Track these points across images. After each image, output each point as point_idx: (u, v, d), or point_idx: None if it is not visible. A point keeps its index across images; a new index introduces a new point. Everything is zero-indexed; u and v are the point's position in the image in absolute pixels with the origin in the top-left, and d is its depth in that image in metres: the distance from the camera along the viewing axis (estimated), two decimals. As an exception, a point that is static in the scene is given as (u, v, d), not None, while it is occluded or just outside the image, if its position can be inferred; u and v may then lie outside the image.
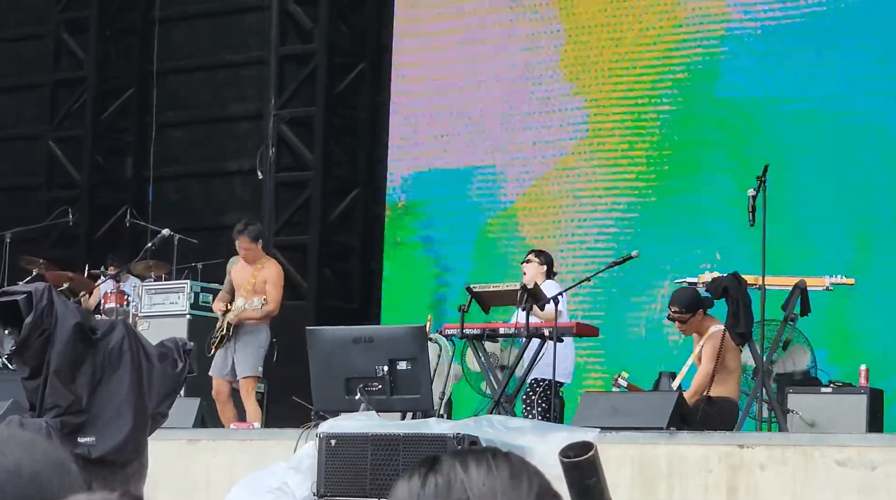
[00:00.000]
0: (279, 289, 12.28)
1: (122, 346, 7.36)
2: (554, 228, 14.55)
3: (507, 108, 14.96)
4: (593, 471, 3.87)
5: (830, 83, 13.38)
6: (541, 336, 10.79)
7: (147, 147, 17.68)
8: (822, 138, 13.34)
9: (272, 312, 12.20)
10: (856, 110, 13.23)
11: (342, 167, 16.54)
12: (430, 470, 1.67)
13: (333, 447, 8.11)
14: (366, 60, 16.52)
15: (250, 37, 17.41)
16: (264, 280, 12.20)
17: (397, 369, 8.83)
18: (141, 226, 16.08)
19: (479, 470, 1.65)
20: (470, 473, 1.65)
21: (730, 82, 13.91)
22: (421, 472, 1.67)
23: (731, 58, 13.94)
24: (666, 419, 9.08)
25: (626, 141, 14.38)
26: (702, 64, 14.08)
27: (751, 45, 13.90)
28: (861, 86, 13.24)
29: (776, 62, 13.72)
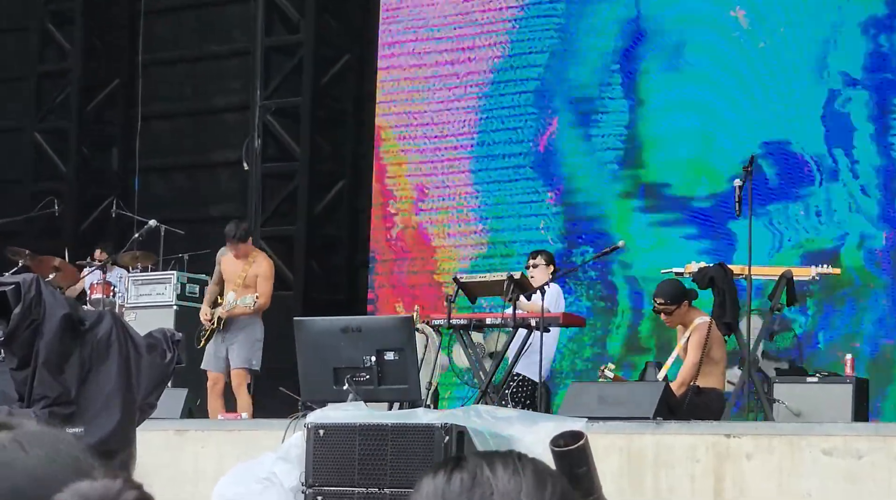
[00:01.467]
0: (270, 283, 12.32)
1: (111, 337, 7.37)
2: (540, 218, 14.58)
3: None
4: (584, 460, 3.90)
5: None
6: (527, 326, 10.82)
7: (133, 139, 17.67)
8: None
9: (264, 306, 12.24)
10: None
11: (328, 159, 16.54)
12: (456, 467, 1.69)
13: (321, 436, 8.11)
14: (352, 52, 16.52)
15: (235, 28, 17.40)
16: (255, 275, 12.23)
17: (385, 359, 8.84)
18: (127, 217, 16.08)
19: (506, 470, 1.67)
20: (496, 472, 1.67)
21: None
22: (447, 468, 1.69)
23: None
24: (653, 408, 9.11)
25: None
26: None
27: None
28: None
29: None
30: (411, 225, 15.25)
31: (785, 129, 13.20)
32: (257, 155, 16.34)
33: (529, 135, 14.68)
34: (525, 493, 1.66)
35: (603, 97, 14.32)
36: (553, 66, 14.64)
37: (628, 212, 13.90)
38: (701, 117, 13.61)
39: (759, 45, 13.48)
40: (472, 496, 1.66)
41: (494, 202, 14.74)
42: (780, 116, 13.25)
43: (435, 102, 15.25)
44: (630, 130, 14.06)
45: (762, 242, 12.43)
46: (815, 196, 13.06)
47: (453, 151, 15.10)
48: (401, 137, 15.46)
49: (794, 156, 13.14)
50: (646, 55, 14.10)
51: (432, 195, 15.19)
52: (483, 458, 1.70)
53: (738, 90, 13.49)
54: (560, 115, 14.56)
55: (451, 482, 1.67)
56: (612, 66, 14.30)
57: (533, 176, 14.58)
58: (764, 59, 13.45)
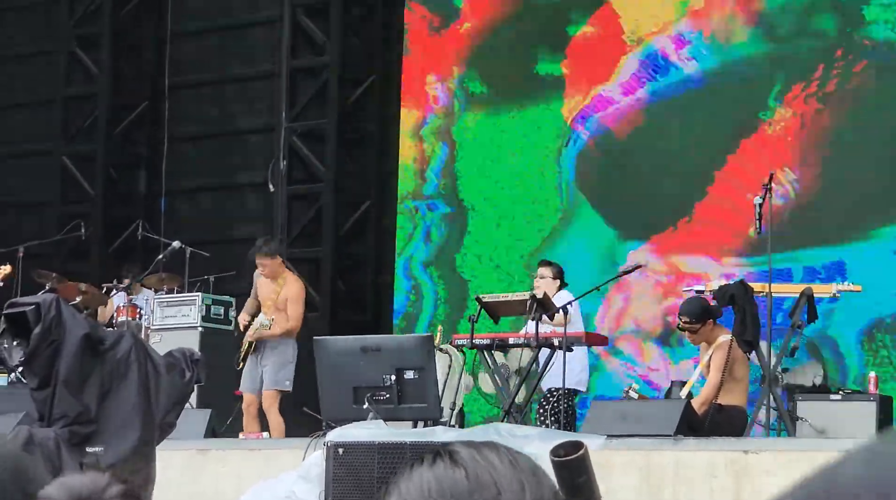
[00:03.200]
0: (300, 306, 12.34)
1: (130, 356, 7.42)
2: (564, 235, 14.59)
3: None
4: (583, 470, 3.92)
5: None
6: (550, 346, 10.83)
7: (159, 161, 17.77)
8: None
9: (293, 329, 12.28)
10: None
11: (353, 180, 16.60)
12: (452, 461, 1.63)
13: (341, 455, 8.16)
14: (376, 73, 16.59)
15: (259, 51, 17.50)
16: (286, 298, 12.27)
17: (404, 378, 8.88)
18: (153, 240, 16.15)
19: (503, 464, 1.62)
20: (495, 465, 1.62)
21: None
22: (444, 461, 1.64)
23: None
24: (674, 426, 9.10)
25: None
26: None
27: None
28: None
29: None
30: (436, 245, 15.29)
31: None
32: (283, 177, 16.41)
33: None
34: (529, 487, 1.62)
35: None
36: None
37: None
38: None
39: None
40: (482, 489, 1.60)
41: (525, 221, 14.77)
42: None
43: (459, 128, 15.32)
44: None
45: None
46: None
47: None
48: (426, 156, 15.51)
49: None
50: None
51: (455, 219, 15.22)
52: (472, 448, 1.64)
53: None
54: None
55: (455, 473, 1.62)
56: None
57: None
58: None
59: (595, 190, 14.43)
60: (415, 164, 15.57)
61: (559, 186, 14.59)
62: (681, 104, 14.00)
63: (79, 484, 1.66)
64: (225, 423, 12.43)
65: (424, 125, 15.57)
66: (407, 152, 15.64)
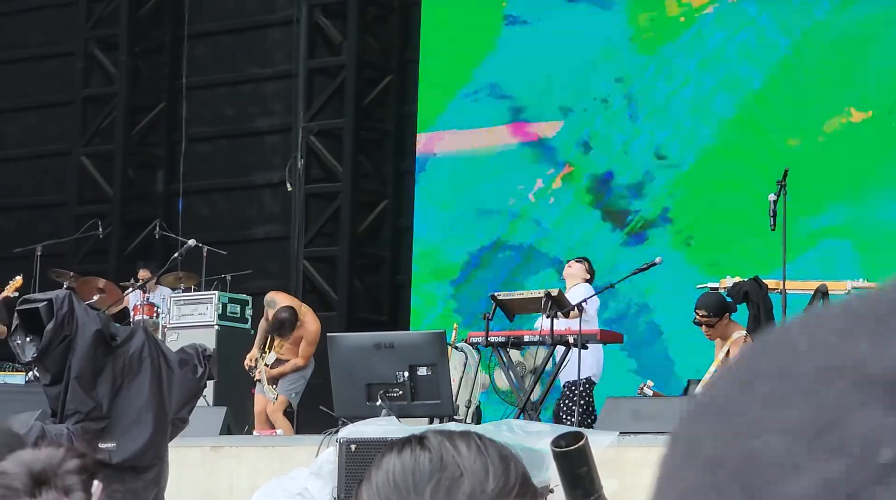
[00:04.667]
0: (313, 348, 12.20)
1: (142, 352, 7.44)
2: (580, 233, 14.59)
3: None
4: (584, 461, 3.92)
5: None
6: (566, 343, 10.82)
7: (177, 161, 17.82)
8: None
9: (299, 367, 12.24)
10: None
11: (370, 179, 16.63)
12: (420, 446, 1.66)
13: (353, 451, 8.16)
14: (393, 73, 16.62)
15: (275, 51, 17.53)
16: (301, 337, 12.19)
17: (418, 374, 8.88)
18: (171, 239, 16.20)
19: (470, 449, 1.64)
20: (460, 450, 1.64)
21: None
22: (412, 447, 1.66)
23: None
24: (687, 423, 9.08)
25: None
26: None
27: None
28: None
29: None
30: (454, 243, 15.30)
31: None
32: (300, 176, 16.44)
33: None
34: (493, 472, 1.63)
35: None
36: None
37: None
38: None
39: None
40: (443, 476, 1.63)
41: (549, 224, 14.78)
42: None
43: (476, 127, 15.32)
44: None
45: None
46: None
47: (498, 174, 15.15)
48: (441, 158, 15.52)
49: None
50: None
51: (473, 217, 15.23)
52: (444, 436, 1.67)
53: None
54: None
55: (420, 459, 1.64)
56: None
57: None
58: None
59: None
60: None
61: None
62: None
63: (34, 458, 1.63)
64: (244, 428, 12.41)
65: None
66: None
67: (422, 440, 1.68)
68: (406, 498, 1.65)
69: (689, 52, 14.37)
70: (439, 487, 1.63)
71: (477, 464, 1.64)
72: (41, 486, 1.57)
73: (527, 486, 1.67)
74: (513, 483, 1.65)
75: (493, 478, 1.63)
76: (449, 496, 1.62)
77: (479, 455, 1.65)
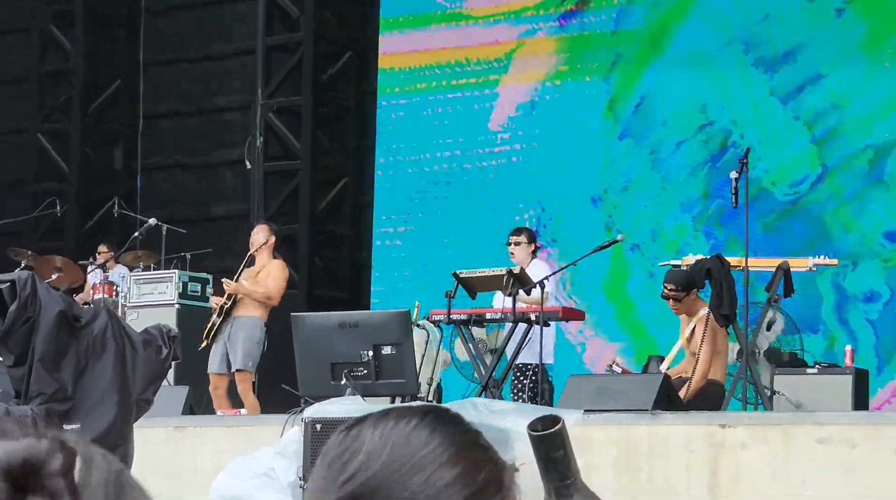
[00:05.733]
0: (280, 282, 12.35)
1: (106, 333, 7.40)
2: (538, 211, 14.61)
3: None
4: (560, 444, 3.93)
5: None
6: (527, 321, 10.83)
7: (135, 139, 17.70)
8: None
9: (270, 298, 12.26)
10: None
11: (330, 156, 16.57)
12: (354, 424, 1.66)
13: (319, 431, 8.16)
14: (352, 49, 16.55)
15: (236, 27, 17.43)
16: (268, 273, 12.28)
17: (382, 353, 8.88)
18: (130, 217, 16.11)
19: (377, 430, 1.63)
20: (372, 431, 1.63)
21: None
22: (348, 425, 1.67)
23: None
24: (651, 400, 9.11)
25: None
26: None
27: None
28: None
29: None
30: (414, 221, 15.29)
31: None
32: (259, 153, 16.37)
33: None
34: (386, 455, 1.60)
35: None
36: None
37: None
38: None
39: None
40: (344, 453, 1.62)
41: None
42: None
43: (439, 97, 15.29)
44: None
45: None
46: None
47: (458, 150, 15.13)
48: (402, 135, 15.49)
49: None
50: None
51: (433, 194, 15.22)
52: (375, 417, 1.66)
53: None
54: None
55: (339, 436, 1.65)
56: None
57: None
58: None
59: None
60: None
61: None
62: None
63: (11, 453, 1.25)
64: (203, 401, 12.41)
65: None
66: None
67: (361, 418, 1.67)
68: (316, 469, 1.66)
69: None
70: (336, 462, 1.63)
71: (377, 444, 1.62)
72: (25, 493, 1.24)
73: (462, 454, 1.64)
74: (412, 465, 1.61)
75: (384, 459, 1.60)
76: (341, 472, 1.61)
77: (381, 436, 1.62)
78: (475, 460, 1.64)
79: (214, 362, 12.21)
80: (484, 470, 1.64)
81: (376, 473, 1.60)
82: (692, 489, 8.34)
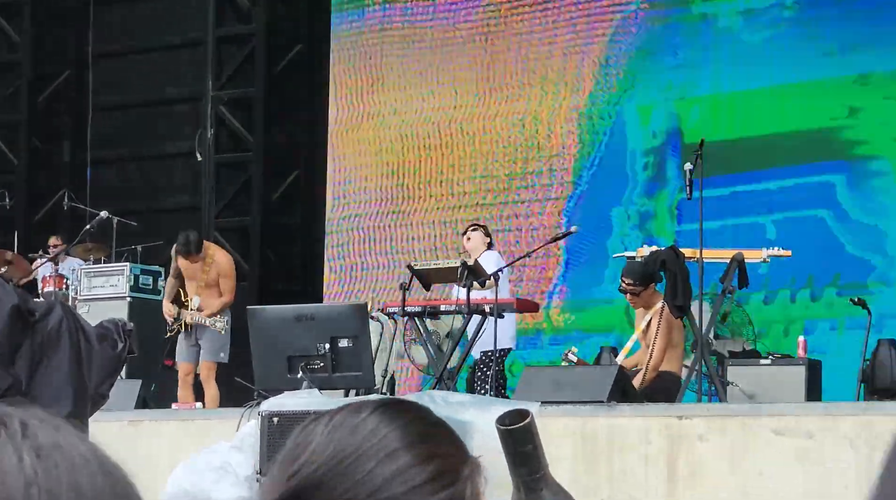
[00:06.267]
0: (232, 280, 12.24)
1: (61, 327, 7.33)
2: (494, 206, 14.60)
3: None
4: (529, 438, 3.91)
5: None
6: (482, 312, 10.83)
7: (84, 131, 17.58)
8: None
9: (228, 303, 12.18)
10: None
11: (282, 148, 16.51)
12: (312, 420, 1.66)
13: (276, 424, 8.13)
14: (304, 41, 16.49)
15: (186, 19, 17.32)
16: (217, 274, 12.13)
17: (339, 346, 8.86)
18: (80, 210, 16.00)
19: (328, 426, 1.62)
20: (323, 426, 1.62)
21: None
22: (315, 417, 1.67)
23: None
24: (606, 392, 9.13)
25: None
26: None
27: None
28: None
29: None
30: (367, 213, 15.26)
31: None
32: (210, 146, 16.29)
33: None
34: (331, 451, 1.60)
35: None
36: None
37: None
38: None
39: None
40: (296, 447, 1.63)
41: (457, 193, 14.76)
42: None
43: (389, 95, 15.26)
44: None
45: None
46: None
47: (410, 143, 15.11)
48: (354, 128, 15.45)
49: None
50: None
51: (386, 186, 15.19)
52: (330, 411, 1.66)
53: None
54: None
55: (294, 434, 1.67)
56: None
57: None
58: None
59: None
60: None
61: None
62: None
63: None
64: (151, 389, 12.34)
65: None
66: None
67: (336, 411, 1.66)
68: (273, 462, 1.66)
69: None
70: (287, 455, 1.63)
71: (323, 439, 1.61)
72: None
73: (403, 451, 1.62)
74: (355, 458, 1.60)
75: (328, 454, 1.60)
76: (290, 465, 1.60)
77: (329, 432, 1.61)
78: (427, 451, 1.62)
79: (183, 352, 12.11)
80: (434, 461, 1.62)
81: (321, 466, 1.59)
82: (650, 481, 8.36)
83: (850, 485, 7.78)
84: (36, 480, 1.09)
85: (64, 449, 1.12)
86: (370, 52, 15.43)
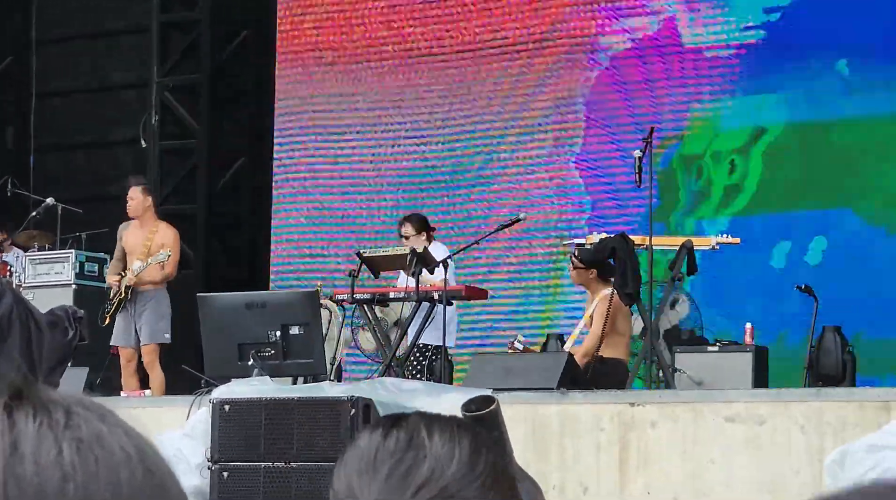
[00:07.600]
0: (177, 253, 12.19)
1: (11, 314, 7.23)
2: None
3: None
4: (495, 425, 3.91)
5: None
6: (431, 300, 10.85)
7: (28, 117, 17.42)
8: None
9: (170, 275, 12.11)
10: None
11: (228, 136, 16.44)
12: (395, 425, 1.66)
13: (227, 412, 8.08)
14: (250, 27, 16.41)
15: (131, 4, 17.19)
16: (161, 243, 12.07)
17: (290, 334, 8.84)
18: (23, 197, 15.87)
19: (442, 436, 1.64)
20: (433, 436, 1.64)
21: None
22: (386, 425, 1.66)
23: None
24: (556, 379, 9.15)
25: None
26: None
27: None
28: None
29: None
30: (313, 201, 15.22)
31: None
32: (155, 132, 16.20)
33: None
34: (457, 461, 1.63)
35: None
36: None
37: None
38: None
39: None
40: (405, 457, 1.63)
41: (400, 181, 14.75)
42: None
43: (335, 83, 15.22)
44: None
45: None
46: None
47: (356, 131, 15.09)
48: (300, 116, 15.41)
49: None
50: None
51: (332, 175, 15.17)
52: (423, 420, 1.67)
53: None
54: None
55: (388, 439, 1.64)
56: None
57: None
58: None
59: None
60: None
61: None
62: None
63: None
64: (97, 380, 12.27)
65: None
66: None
67: (399, 419, 1.68)
68: (364, 475, 1.64)
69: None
70: (398, 467, 1.63)
71: (444, 450, 1.63)
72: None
73: (500, 480, 1.67)
74: (478, 473, 1.64)
75: (457, 464, 1.62)
76: (406, 477, 1.61)
77: (448, 442, 1.64)
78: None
79: (122, 336, 12.02)
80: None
81: (448, 482, 1.62)
82: (602, 467, 8.39)
83: (801, 470, 7.84)
84: (74, 476, 1.07)
85: (106, 442, 1.09)
86: (316, 39, 15.37)
